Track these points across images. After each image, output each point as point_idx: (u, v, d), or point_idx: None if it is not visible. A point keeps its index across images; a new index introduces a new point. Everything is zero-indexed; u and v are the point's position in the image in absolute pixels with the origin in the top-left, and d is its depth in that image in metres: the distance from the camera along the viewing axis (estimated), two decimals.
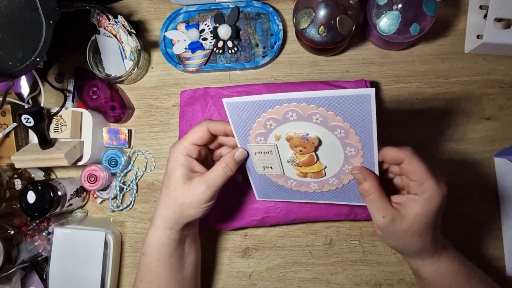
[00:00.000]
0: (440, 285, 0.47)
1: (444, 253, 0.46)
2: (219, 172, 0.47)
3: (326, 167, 0.46)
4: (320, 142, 0.44)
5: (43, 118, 0.58)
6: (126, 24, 0.59)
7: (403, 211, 0.43)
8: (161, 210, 0.49)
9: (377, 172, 0.44)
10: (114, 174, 0.67)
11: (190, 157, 0.48)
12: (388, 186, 0.48)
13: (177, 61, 0.65)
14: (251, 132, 0.46)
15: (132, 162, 0.67)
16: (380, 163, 0.45)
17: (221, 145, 0.52)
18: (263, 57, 0.63)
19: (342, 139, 0.43)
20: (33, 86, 0.67)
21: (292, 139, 0.44)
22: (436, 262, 0.46)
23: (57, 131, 0.60)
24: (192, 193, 0.47)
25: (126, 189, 0.67)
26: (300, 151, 0.45)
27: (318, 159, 0.46)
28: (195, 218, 0.49)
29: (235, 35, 0.62)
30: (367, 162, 0.44)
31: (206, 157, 0.52)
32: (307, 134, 0.43)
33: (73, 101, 0.66)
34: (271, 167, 0.48)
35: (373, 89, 0.37)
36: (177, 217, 0.48)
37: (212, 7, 0.64)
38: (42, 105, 0.62)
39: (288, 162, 0.47)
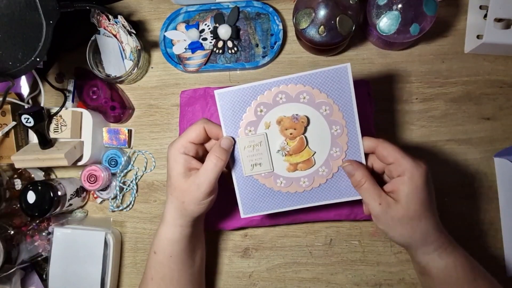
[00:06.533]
0: (447, 281, 0.47)
1: (450, 246, 0.47)
2: (209, 165, 0.46)
3: (315, 153, 0.48)
4: (308, 122, 0.47)
5: (43, 118, 0.58)
6: (126, 24, 0.59)
7: (396, 197, 0.45)
8: (169, 208, 0.50)
9: (362, 152, 0.47)
10: (114, 174, 0.67)
11: (187, 155, 0.48)
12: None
13: (177, 61, 0.65)
14: (241, 123, 0.48)
15: (132, 162, 0.67)
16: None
17: None
18: (263, 57, 0.63)
19: (327, 117, 0.47)
20: (33, 86, 0.67)
21: (282, 121, 0.47)
22: (444, 255, 0.46)
23: (57, 131, 0.60)
24: (189, 191, 0.47)
25: (126, 189, 0.67)
26: (291, 133, 0.47)
27: (307, 143, 0.47)
28: (200, 213, 0.49)
29: (235, 35, 0.62)
30: (352, 142, 0.47)
31: (204, 156, 0.52)
32: (297, 114, 0.47)
33: (73, 101, 0.66)
34: (260, 164, 0.48)
35: (349, 63, 0.45)
36: (183, 213, 0.49)
37: (212, 7, 0.64)
38: (42, 105, 0.62)
39: (278, 152, 0.48)
